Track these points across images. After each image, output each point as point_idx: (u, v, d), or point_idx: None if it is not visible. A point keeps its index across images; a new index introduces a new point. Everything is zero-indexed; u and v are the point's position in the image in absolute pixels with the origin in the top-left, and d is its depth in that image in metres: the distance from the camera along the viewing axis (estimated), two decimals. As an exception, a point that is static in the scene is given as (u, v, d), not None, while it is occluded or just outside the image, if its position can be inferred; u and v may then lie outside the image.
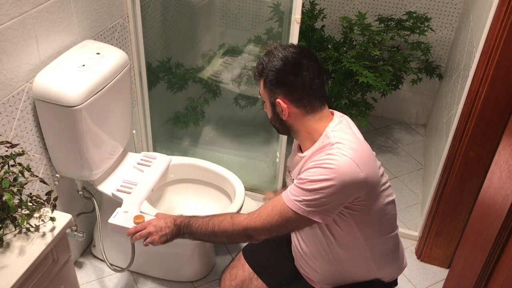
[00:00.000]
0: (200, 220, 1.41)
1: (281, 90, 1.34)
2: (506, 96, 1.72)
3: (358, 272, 1.48)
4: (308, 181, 1.26)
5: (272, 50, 1.37)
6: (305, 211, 1.27)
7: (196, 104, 2.54)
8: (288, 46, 1.38)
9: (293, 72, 1.32)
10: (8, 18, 1.49)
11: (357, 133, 1.38)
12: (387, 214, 1.41)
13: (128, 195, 1.83)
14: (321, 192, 1.25)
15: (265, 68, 1.35)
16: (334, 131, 1.33)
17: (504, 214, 1.06)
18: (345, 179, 1.24)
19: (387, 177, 1.41)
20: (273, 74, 1.33)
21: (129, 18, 2.12)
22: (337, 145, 1.29)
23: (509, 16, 1.60)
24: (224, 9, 2.88)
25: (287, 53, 1.34)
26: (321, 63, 1.37)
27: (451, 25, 2.83)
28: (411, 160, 2.92)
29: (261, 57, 1.38)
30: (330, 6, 3.00)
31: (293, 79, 1.32)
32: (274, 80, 1.34)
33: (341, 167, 1.24)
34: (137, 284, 2.11)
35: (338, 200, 1.29)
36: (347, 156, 1.25)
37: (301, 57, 1.33)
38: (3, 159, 1.31)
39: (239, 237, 1.39)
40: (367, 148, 1.35)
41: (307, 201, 1.27)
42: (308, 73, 1.32)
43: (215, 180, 2.09)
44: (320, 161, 1.28)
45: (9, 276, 1.21)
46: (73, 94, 1.60)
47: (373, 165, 1.32)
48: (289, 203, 1.29)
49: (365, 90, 2.65)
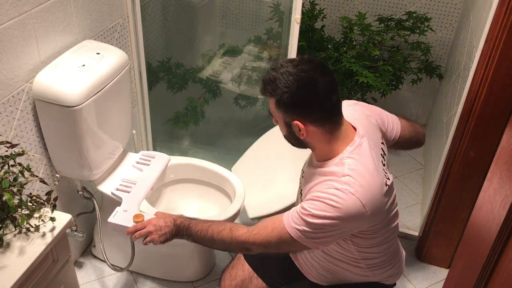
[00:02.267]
0: (200, 224, 1.42)
1: (297, 112, 1.27)
2: (506, 96, 1.72)
3: (352, 276, 1.49)
4: (311, 214, 1.24)
5: (282, 65, 1.27)
6: (304, 240, 1.28)
7: (196, 104, 2.54)
8: (299, 61, 1.28)
9: (309, 92, 1.24)
10: (8, 18, 1.49)
11: (374, 156, 1.33)
12: (388, 237, 1.42)
13: (128, 194, 1.83)
14: (323, 228, 1.25)
15: (278, 88, 1.25)
16: (349, 157, 1.28)
17: (504, 214, 1.06)
18: (349, 218, 1.24)
19: (395, 203, 1.40)
20: (288, 96, 1.25)
21: (129, 18, 2.12)
22: (347, 179, 1.24)
23: (509, 16, 1.60)
24: (224, 9, 2.88)
25: (301, 70, 1.25)
26: (333, 75, 1.29)
27: (451, 25, 2.83)
28: (411, 160, 2.92)
29: (269, 72, 1.28)
30: (330, 6, 3.00)
31: (311, 100, 1.25)
32: (289, 103, 1.26)
33: (347, 207, 1.22)
34: (137, 284, 2.11)
35: (339, 235, 1.31)
36: (354, 195, 1.22)
37: (316, 74, 1.25)
38: (3, 159, 1.31)
39: (236, 248, 1.42)
40: (378, 181, 1.29)
41: (308, 232, 1.26)
42: (325, 91, 1.24)
43: (215, 180, 2.09)
44: (326, 194, 1.24)
45: (9, 276, 1.21)
46: (73, 94, 1.60)
47: (381, 201, 1.29)
48: (290, 229, 1.28)
49: (365, 90, 2.65)
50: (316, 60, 1.30)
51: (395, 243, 1.50)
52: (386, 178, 1.34)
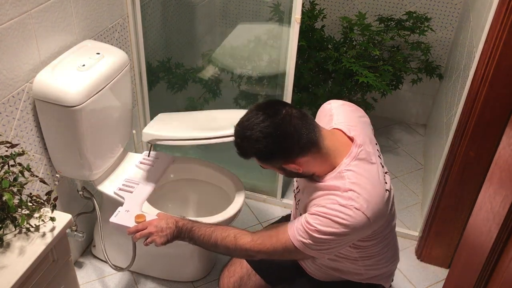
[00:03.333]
0: (203, 229, 1.42)
1: (281, 157, 1.28)
2: (506, 96, 1.72)
3: (350, 276, 1.51)
4: (317, 230, 1.25)
5: (244, 131, 1.26)
6: (310, 251, 1.29)
7: (196, 104, 2.54)
8: (254, 115, 1.25)
9: (281, 139, 1.23)
10: (8, 18, 1.49)
11: (375, 162, 1.31)
12: (387, 235, 1.43)
13: (130, 194, 1.84)
14: (329, 242, 1.27)
15: (251, 147, 1.26)
16: (348, 170, 1.27)
17: (504, 214, 1.06)
18: (354, 232, 1.25)
19: (393, 203, 1.40)
20: (262, 154, 1.27)
21: (129, 18, 2.12)
22: (350, 194, 1.24)
23: (509, 16, 1.60)
24: (224, 9, 2.88)
25: (262, 127, 1.23)
26: (290, 106, 1.27)
27: (451, 25, 2.83)
28: (411, 160, 2.92)
29: (237, 136, 1.29)
30: (330, 6, 3.00)
31: (287, 144, 1.24)
32: (269, 155, 1.27)
33: (353, 223, 1.23)
34: (137, 284, 2.11)
35: (344, 246, 1.33)
36: (360, 210, 1.22)
37: (276, 118, 1.23)
38: (3, 159, 1.31)
39: (240, 255, 1.45)
40: (380, 190, 1.29)
41: (314, 244, 1.27)
42: (295, 128, 1.24)
43: (215, 180, 2.09)
44: (332, 211, 1.24)
45: (9, 276, 1.21)
46: (73, 94, 1.60)
47: (384, 210, 1.30)
48: (295, 241, 1.29)
49: (365, 90, 2.65)
50: (269, 103, 1.29)
51: (392, 241, 1.50)
52: (384, 183, 1.33)
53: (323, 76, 2.68)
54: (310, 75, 2.59)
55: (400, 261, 1.64)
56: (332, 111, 1.44)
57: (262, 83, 2.60)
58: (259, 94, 2.62)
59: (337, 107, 1.46)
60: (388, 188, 1.33)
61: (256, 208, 2.52)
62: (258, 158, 1.30)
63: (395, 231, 1.50)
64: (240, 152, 1.31)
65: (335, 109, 1.45)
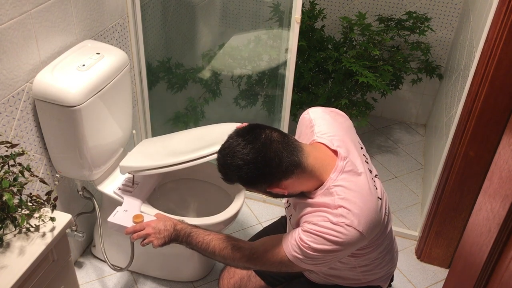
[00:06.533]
0: (201, 236, 1.42)
1: (265, 181, 1.26)
2: (506, 96, 1.72)
3: (348, 280, 1.51)
4: (310, 248, 1.24)
5: (225, 159, 1.24)
6: (306, 265, 1.30)
7: (196, 104, 2.54)
8: (234, 141, 1.24)
9: (262, 164, 1.22)
10: (8, 18, 1.49)
11: (362, 171, 1.29)
12: (383, 240, 1.42)
13: (129, 194, 1.84)
14: (323, 258, 1.27)
15: (234, 175, 1.25)
16: (337, 186, 1.25)
17: (504, 214, 1.06)
18: (348, 247, 1.25)
19: (388, 208, 1.39)
20: (245, 180, 1.25)
21: (129, 18, 2.12)
22: (341, 211, 1.22)
23: (509, 16, 1.60)
24: (224, 9, 2.88)
25: (243, 154, 1.21)
26: (268, 129, 1.26)
27: (451, 25, 2.83)
28: (411, 160, 2.92)
29: (219, 168, 1.28)
30: (330, 6, 3.00)
31: (267, 169, 1.22)
32: (252, 180, 1.25)
33: (346, 240, 1.22)
34: (137, 284, 2.11)
35: (340, 258, 1.34)
36: (351, 226, 1.22)
37: (257, 144, 1.22)
38: (3, 159, 1.31)
39: (237, 267, 1.47)
40: (372, 201, 1.27)
41: (308, 259, 1.28)
42: (274, 150, 1.22)
43: (215, 180, 2.09)
44: (323, 228, 1.23)
45: (9, 276, 1.21)
46: (73, 94, 1.60)
47: (377, 220, 1.28)
48: (291, 256, 1.30)
49: (365, 90, 2.65)
50: (246, 128, 1.28)
51: (389, 244, 1.50)
52: (375, 189, 1.30)
53: (323, 76, 2.68)
54: (310, 75, 2.59)
55: (400, 261, 1.64)
56: (312, 122, 1.41)
57: (262, 83, 2.60)
58: (259, 94, 2.62)
59: (317, 118, 1.42)
60: (379, 195, 1.30)
61: (256, 208, 2.52)
62: (242, 184, 1.29)
63: (392, 234, 1.50)
64: (223, 178, 1.30)
65: (315, 120, 1.41)
